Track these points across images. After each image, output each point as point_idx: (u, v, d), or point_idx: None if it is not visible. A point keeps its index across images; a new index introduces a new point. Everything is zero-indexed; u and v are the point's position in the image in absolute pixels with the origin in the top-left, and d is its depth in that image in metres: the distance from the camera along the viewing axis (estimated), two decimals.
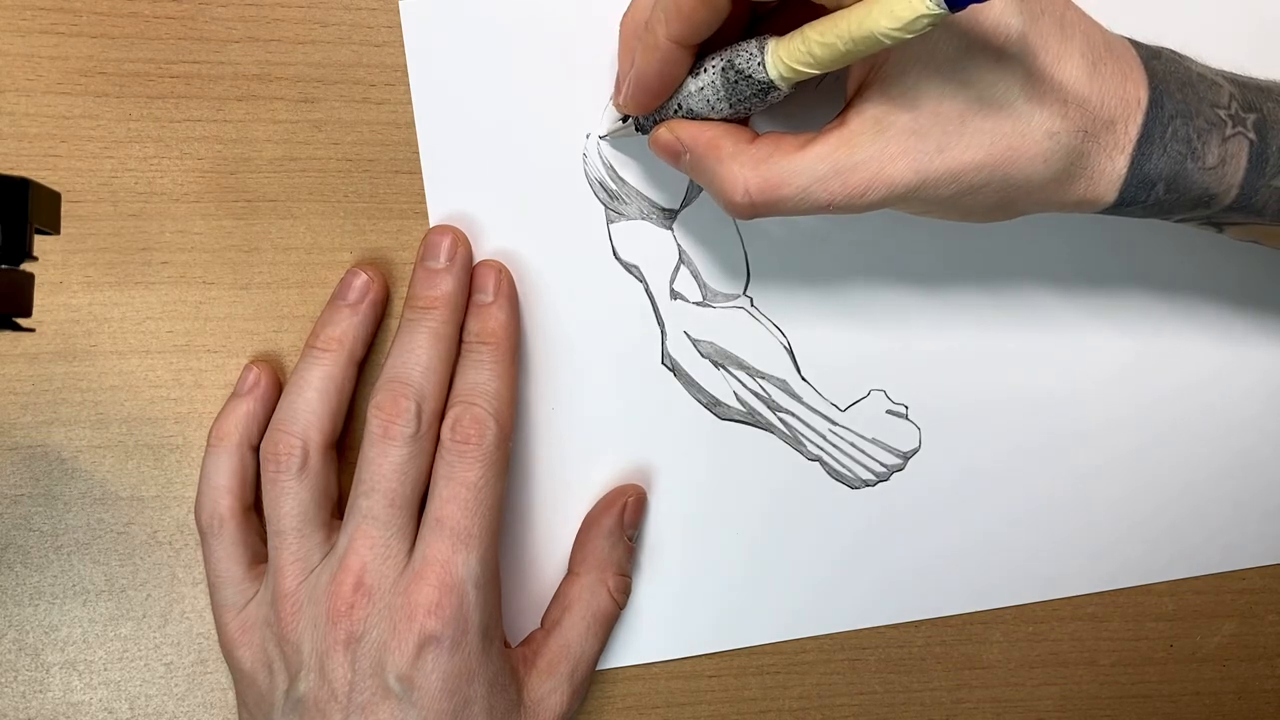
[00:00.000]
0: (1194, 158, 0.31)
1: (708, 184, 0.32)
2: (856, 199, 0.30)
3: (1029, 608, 0.42)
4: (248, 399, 0.36)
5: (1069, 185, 0.31)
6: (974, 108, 0.29)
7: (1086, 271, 0.40)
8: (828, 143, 0.30)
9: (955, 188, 0.30)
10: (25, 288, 0.27)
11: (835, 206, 0.30)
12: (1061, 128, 0.29)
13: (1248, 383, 0.42)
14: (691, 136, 0.32)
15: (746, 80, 0.30)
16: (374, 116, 0.36)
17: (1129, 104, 0.30)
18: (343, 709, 0.32)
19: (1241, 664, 0.44)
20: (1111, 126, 0.30)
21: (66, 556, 0.37)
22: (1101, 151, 0.31)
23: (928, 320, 0.40)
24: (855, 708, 0.42)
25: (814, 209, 0.30)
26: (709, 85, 0.31)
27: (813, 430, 0.40)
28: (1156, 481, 0.42)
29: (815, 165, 0.29)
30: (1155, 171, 0.31)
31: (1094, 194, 0.31)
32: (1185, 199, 0.32)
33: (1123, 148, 0.31)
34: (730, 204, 0.31)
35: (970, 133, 0.29)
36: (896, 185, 0.29)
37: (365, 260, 0.37)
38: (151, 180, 0.36)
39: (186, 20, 0.35)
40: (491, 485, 0.34)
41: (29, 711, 0.38)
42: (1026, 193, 0.31)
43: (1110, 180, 0.31)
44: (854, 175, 0.29)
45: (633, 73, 0.32)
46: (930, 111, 0.29)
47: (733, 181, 0.30)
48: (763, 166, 0.30)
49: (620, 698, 0.41)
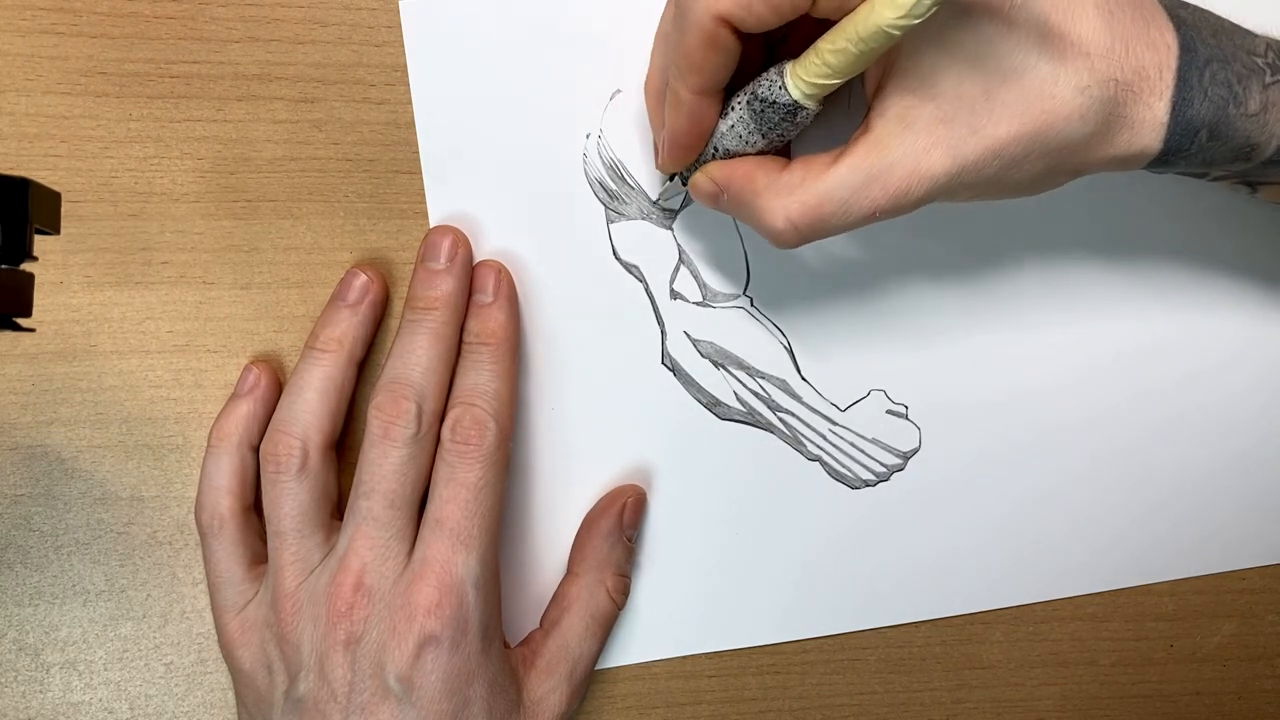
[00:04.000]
0: (1236, 103, 0.30)
1: (749, 220, 0.32)
2: (901, 199, 0.29)
3: (1029, 608, 0.42)
4: (248, 399, 0.36)
5: (1112, 139, 0.30)
6: (996, 81, 0.28)
7: (1087, 272, 0.40)
8: (857, 151, 0.29)
9: (998, 165, 0.29)
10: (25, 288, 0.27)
11: (883, 212, 0.29)
12: (1090, 80, 0.29)
13: (1248, 382, 0.42)
14: (725, 175, 0.32)
15: (772, 107, 0.30)
16: (374, 116, 0.36)
17: (1158, 49, 0.30)
18: (342, 709, 0.32)
19: (1241, 664, 0.44)
20: (1144, 73, 0.30)
21: (66, 556, 0.37)
22: (1139, 100, 0.30)
23: (928, 320, 0.40)
24: (855, 708, 0.42)
25: (861, 220, 0.30)
26: (739, 121, 0.31)
27: (813, 430, 0.40)
28: (1157, 481, 0.42)
29: (850, 177, 0.29)
30: (1198, 117, 0.30)
31: (1139, 145, 0.31)
32: (1228, 148, 0.31)
33: (1160, 94, 0.30)
34: (775, 235, 0.31)
35: (999, 106, 0.29)
36: (938, 177, 0.29)
37: (365, 260, 0.37)
38: (151, 180, 0.36)
39: (186, 20, 0.35)
40: (491, 486, 0.34)
41: (29, 711, 0.38)
42: (1070, 154, 0.30)
43: (1153, 129, 0.30)
44: (891, 177, 0.29)
45: (665, 133, 0.32)
46: (952, 96, 0.29)
47: (772, 213, 0.30)
48: (799, 191, 0.30)
49: (620, 698, 0.41)
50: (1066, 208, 0.39)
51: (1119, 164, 0.31)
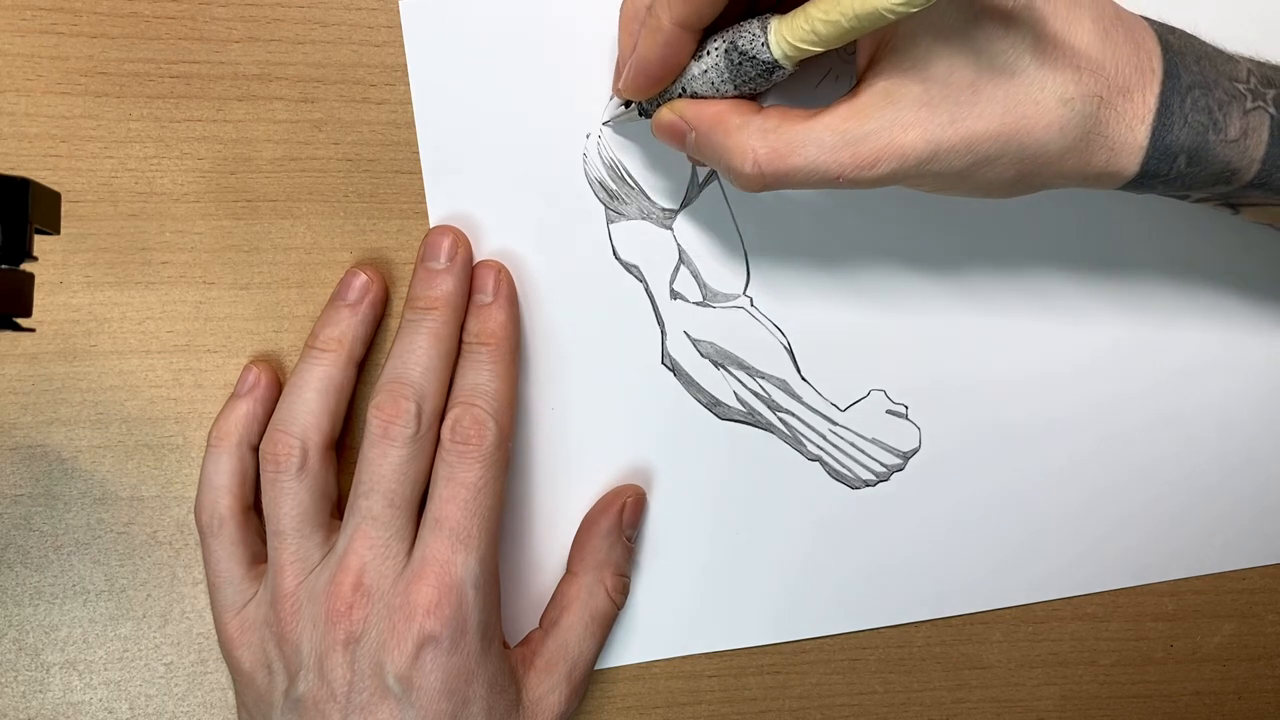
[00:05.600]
0: (1216, 130, 0.30)
1: (715, 159, 0.31)
2: (866, 170, 0.29)
3: (1029, 608, 0.42)
4: (247, 399, 0.36)
5: (1089, 156, 0.30)
6: (985, 76, 0.29)
7: (1088, 273, 0.40)
8: (837, 113, 0.29)
9: (970, 158, 0.29)
10: (25, 288, 0.27)
11: (846, 179, 0.29)
12: (1075, 93, 0.29)
13: (1248, 381, 0.42)
14: (695, 114, 0.31)
15: (751, 61, 0.30)
16: (374, 116, 0.36)
17: (1144, 72, 0.30)
18: (341, 709, 0.32)
19: (1241, 664, 0.44)
20: (1128, 94, 0.30)
21: (66, 556, 0.37)
22: (1120, 121, 0.30)
23: (928, 320, 0.40)
24: (855, 708, 0.42)
25: (823, 181, 0.30)
26: (713, 67, 0.31)
27: (813, 430, 0.40)
28: (1157, 481, 0.42)
29: (824, 135, 0.29)
30: (1177, 143, 0.30)
31: (1116, 165, 0.31)
32: (1207, 173, 0.31)
33: (1142, 118, 0.30)
34: (739, 175, 0.30)
35: (983, 101, 0.29)
36: (908, 156, 0.29)
37: (365, 260, 0.37)
38: (151, 180, 0.36)
39: (186, 20, 0.35)
40: (491, 486, 0.34)
41: (29, 711, 0.38)
42: (1045, 163, 0.30)
43: (1132, 151, 0.31)
44: (864, 146, 0.29)
45: (634, 57, 0.31)
46: (941, 81, 0.29)
47: (741, 152, 0.30)
48: (771, 135, 0.30)
49: (620, 698, 0.41)
50: (1067, 209, 0.39)
51: (1093, 181, 0.31)
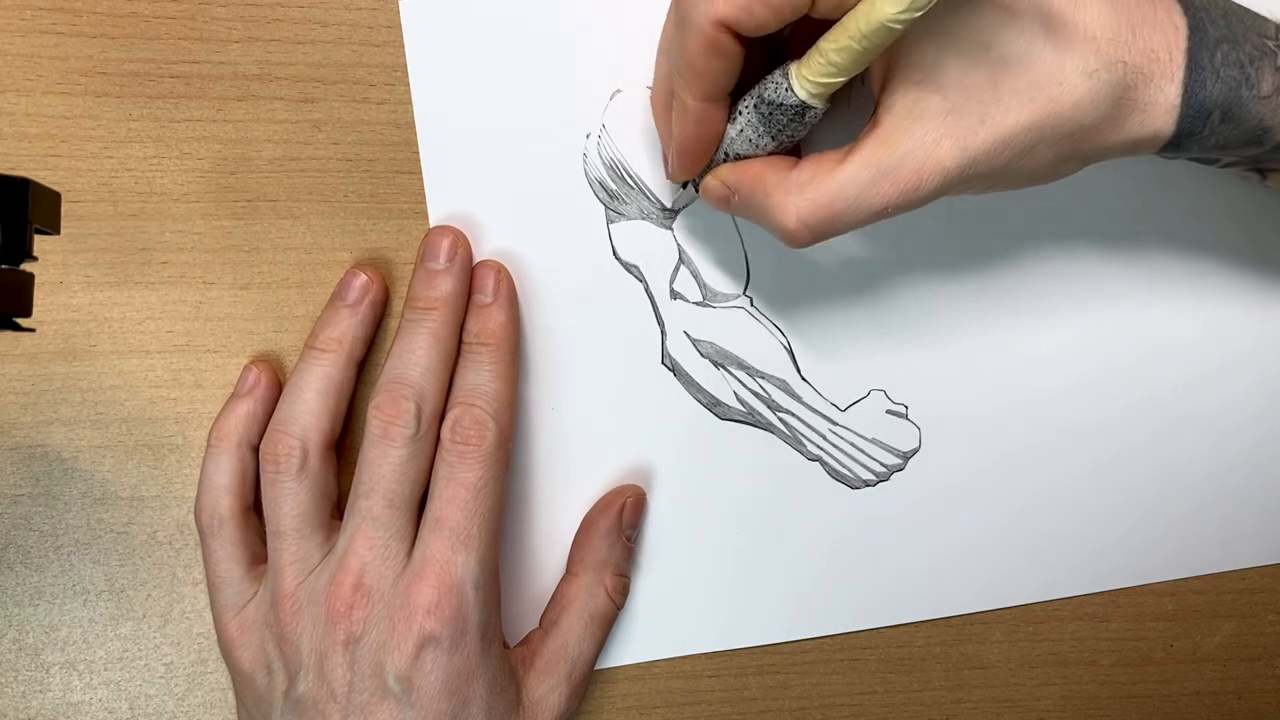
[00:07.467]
0: (1248, 85, 0.30)
1: (761, 220, 0.31)
2: (912, 194, 0.29)
3: (1029, 608, 0.42)
4: (247, 399, 0.36)
5: (1123, 122, 0.30)
6: (1001, 70, 0.28)
7: (1087, 271, 0.40)
8: (866, 147, 0.29)
9: (1009, 154, 0.29)
10: (25, 288, 0.27)
11: (894, 207, 0.29)
12: (1098, 64, 0.29)
13: (1247, 383, 0.42)
14: (735, 177, 0.32)
15: (780, 109, 0.30)
16: (374, 116, 0.36)
17: (1166, 30, 0.30)
18: (341, 709, 0.32)
19: (1241, 664, 0.44)
20: (1153, 55, 0.29)
21: (66, 556, 0.37)
22: (1149, 82, 0.30)
23: (928, 320, 0.40)
24: (855, 708, 0.42)
25: (873, 216, 0.30)
26: (747, 125, 0.31)
27: (813, 430, 0.40)
28: (1157, 481, 0.42)
29: (861, 173, 0.29)
30: (1211, 99, 0.30)
31: (1151, 128, 0.30)
32: (1240, 130, 0.31)
33: (1171, 75, 0.30)
34: (787, 234, 0.30)
35: (1006, 95, 0.29)
36: (949, 169, 0.29)
37: (365, 260, 0.37)
38: (151, 180, 0.36)
39: (186, 20, 0.35)
40: (491, 486, 0.34)
41: (29, 711, 0.38)
42: (1081, 139, 0.30)
43: (1165, 111, 0.30)
44: (901, 171, 0.29)
45: (674, 143, 0.32)
46: (958, 86, 0.28)
47: (784, 212, 0.30)
48: (809, 189, 0.30)
49: (620, 698, 0.41)
50: (1067, 210, 0.39)
51: (1132, 148, 0.31)
